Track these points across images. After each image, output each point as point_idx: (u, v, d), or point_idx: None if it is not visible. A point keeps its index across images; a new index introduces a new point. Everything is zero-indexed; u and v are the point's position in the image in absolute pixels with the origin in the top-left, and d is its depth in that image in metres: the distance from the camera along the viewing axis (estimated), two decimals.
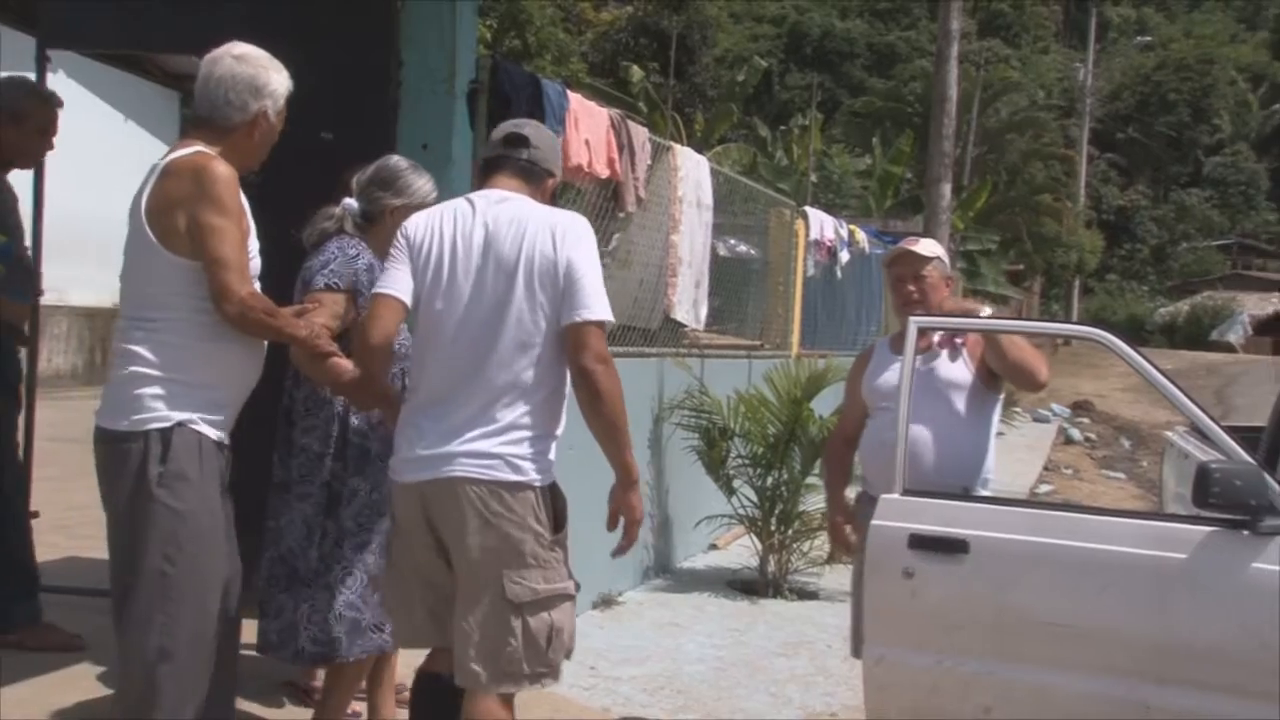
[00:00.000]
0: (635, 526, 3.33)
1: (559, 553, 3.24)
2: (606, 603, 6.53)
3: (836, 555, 5.06)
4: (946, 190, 16.19)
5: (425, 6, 5.24)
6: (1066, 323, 21.66)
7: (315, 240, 3.92)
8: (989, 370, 4.10)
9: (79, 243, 5.02)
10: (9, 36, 6.14)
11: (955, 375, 4.10)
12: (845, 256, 12.18)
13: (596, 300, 3.16)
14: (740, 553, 8.11)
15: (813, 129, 27.68)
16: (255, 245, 3.36)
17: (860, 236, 13.06)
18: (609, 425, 3.18)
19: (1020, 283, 35.86)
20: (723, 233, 9.86)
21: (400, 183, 3.90)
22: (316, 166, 4.25)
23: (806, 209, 11.38)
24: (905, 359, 3.80)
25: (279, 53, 3.48)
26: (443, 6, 5.24)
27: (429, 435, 3.18)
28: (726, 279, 9.67)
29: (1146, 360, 3.62)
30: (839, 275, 12.21)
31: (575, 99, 6.09)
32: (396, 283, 3.25)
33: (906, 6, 62.91)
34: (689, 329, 8.26)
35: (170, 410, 3.22)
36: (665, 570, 7.61)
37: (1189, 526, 3.47)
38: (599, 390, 3.13)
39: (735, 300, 10.17)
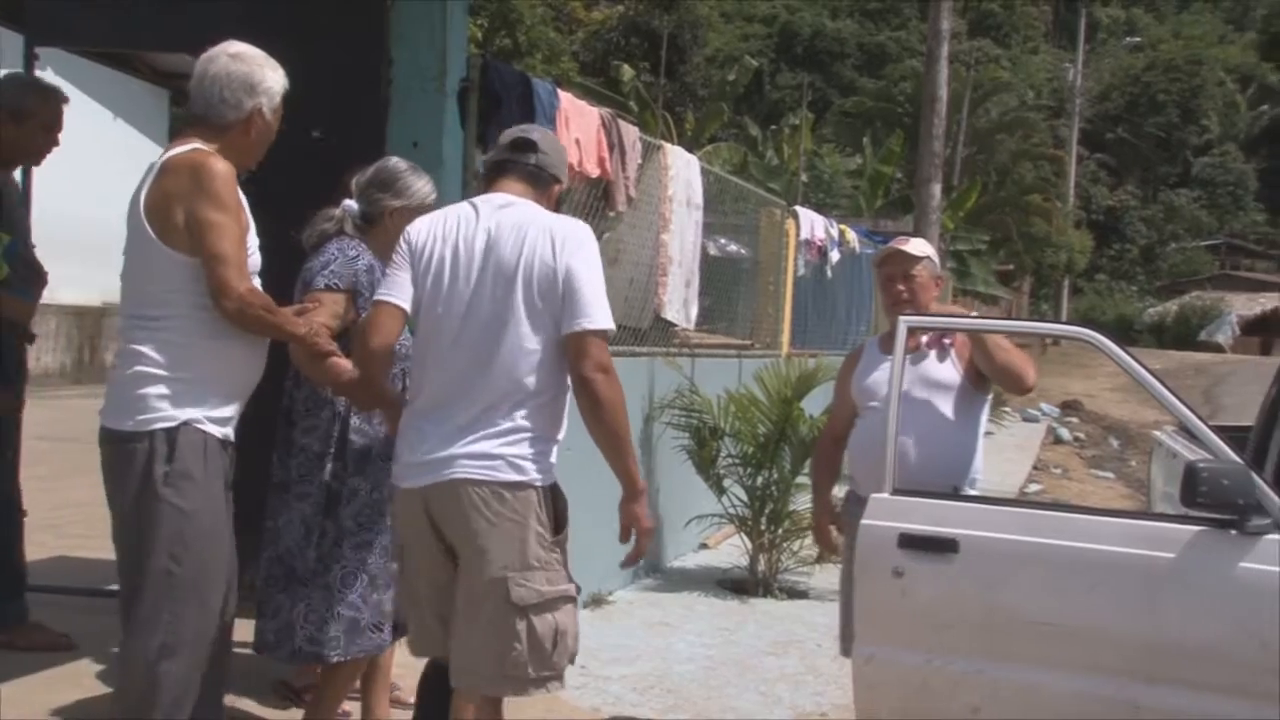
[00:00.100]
0: (645, 537, 3.30)
1: (559, 555, 3.22)
2: (597, 602, 6.54)
3: (826, 555, 5.06)
4: (936, 190, 16.20)
5: (416, 5, 5.24)
6: (1055, 323, 21.70)
7: (315, 241, 3.92)
8: (977, 371, 4.11)
9: (68, 241, 5.01)
10: None
11: (943, 376, 4.10)
12: (835, 256, 12.19)
13: (597, 309, 3.14)
14: (730, 552, 8.12)
15: (803, 128, 27.63)
16: (254, 242, 3.37)
17: (850, 236, 13.08)
18: (610, 434, 3.16)
19: (1010, 283, 35.92)
20: (713, 232, 9.87)
21: (400, 184, 3.90)
22: (306, 165, 4.25)
23: (797, 208, 11.40)
24: (895, 358, 3.81)
25: (269, 51, 3.48)
26: (433, 5, 5.24)
27: (430, 439, 3.17)
28: (717, 278, 9.68)
29: (1135, 360, 3.63)
30: (829, 275, 12.23)
31: (566, 98, 6.09)
32: (397, 289, 3.24)
33: (897, 6, 62.97)
34: (679, 328, 8.27)
35: (175, 410, 3.22)
36: (655, 570, 7.61)
37: (1177, 526, 3.48)
38: (599, 399, 3.12)
39: (725, 299, 10.18)
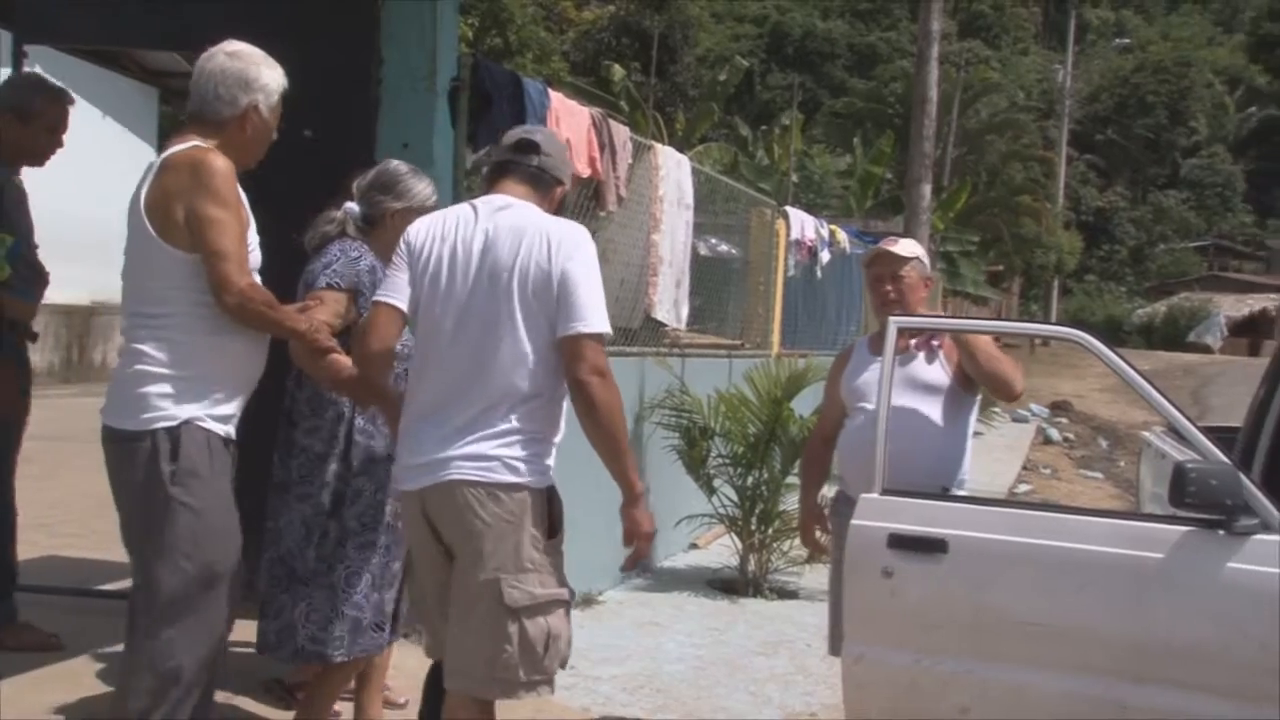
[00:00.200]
0: (643, 542, 3.29)
1: (554, 558, 3.22)
2: (587, 602, 6.53)
3: (815, 555, 5.06)
4: (926, 191, 16.24)
5: (406, 5, 5.23)
6: (1045, 323, 21.76)
7: (317, 243, 3.93)
8: (965, 373, 4.12)
9: (57, 240, 5.01)
10: None
11: (932, 377, 4.11)
12: (826, 256, 12.21)
13: (592, 312, 3.12)
14: (720, 552, 8.12)
15: (794, 129, 27.71)
16: (255, 238, 3.37)
17: (841, 236, 13.10)
18: (606, 438, 3.14)
19: (999, 283, 36.01)
20: (704, 232, 9.88)
21: (400, 186, 3.92)
22: (297, 164, 4.24)
23: (787, 209, 11.41)
24: (885, 359, 3.81)
25: (260, 50, 3.47)
26: (424, 5, 5.23)
27: (428, 442, 3.17)
28: (707, 278, 9.68)
29: (1124, 361, 3.64)
30: (819, 275, 12.24)
31: (556, 98, 6.09)
32: (395, 290, 3.25)
33: (887, 7, 63.13)
34: (670, 328, 8.27)
35: (177, 408, 3.23)
36: (645, 569, 7.61)
37: (1165, 526, 3.49)
38: (595, 402, 3.10)
39: (716, 300, 10.19)
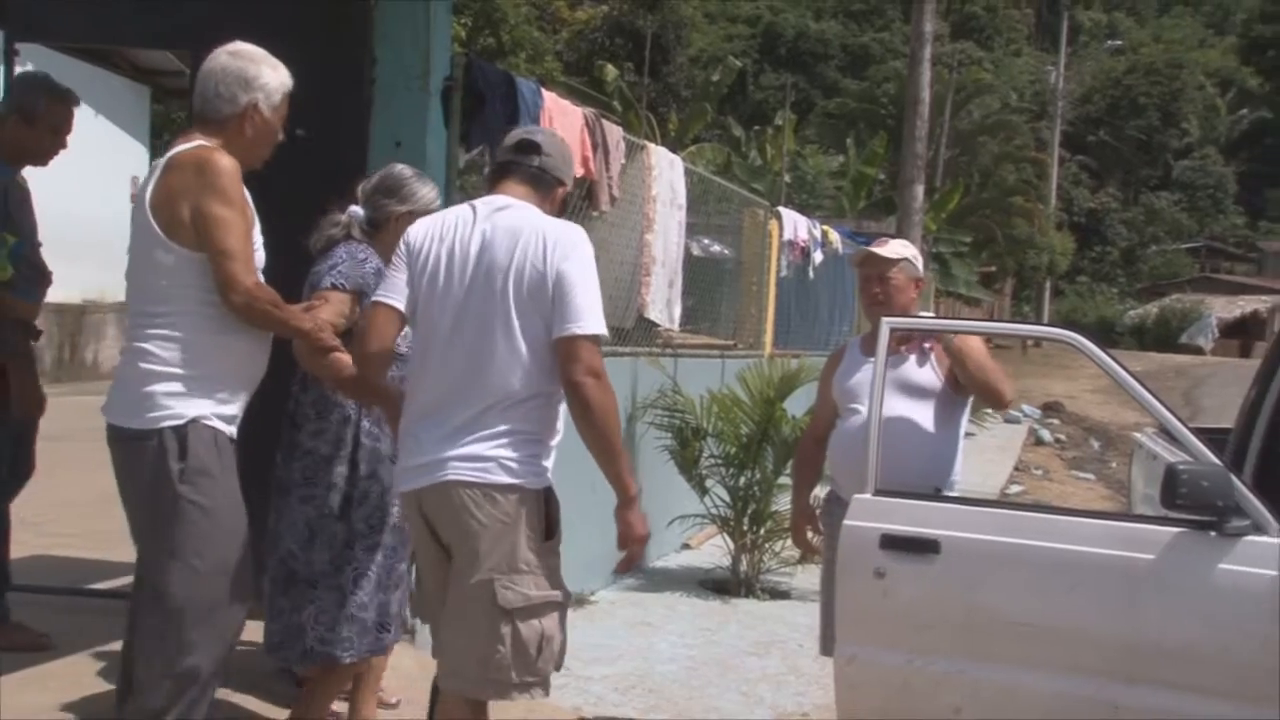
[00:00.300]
0: (637, 545, 3.31)
1: (550, 560, 3.21)
2: (579, 602, 6.53)
3: (807, 555, 5.07)
4: (919, 192, 16.27)
5: (400, 4, 5.22)
6: (1037, 324, 21.81)
7: (322, 246, 3.94)
8: (956, 376, 4.12)
9: (50, 238, 5.02)
10: None
11: (923, 379, 4.11)
12: (818, 257, 12.22)
13: (588, 314, 3.12)
14: (713, 552, 8.12)
15: (786, 129, 27.68)
16: (259, 237, 3.38)
17: (833, 237, 13.11)
18: (600, 439, 3.14)
19: (991, 284, 36.07)
20: (696, 232, 9.88)
21: (405, 190, 3.94)
22: (290, 163, 4.23)
23: (780, 209, 11.42)
24: (877, 360, 3.82)
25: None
26: (417, 4, 5.22)
27: (427, 442, 3.17)
28: (700, 279, 9.69)
29: (1116, 362, 3.65)
30: (812, 275, 12.25)
31: (550, 97, 6.09)
32: (394, 290, 3.25)
33: (880, 8, 63.19)
34: (662, 328, 8.27)
35: (184, 406, 3.24)
36: (638, 569, 7.60)
37: (1157, 527, 3.50)
38: (590, 404, 3.09)
39: (709, 300, 10.19)
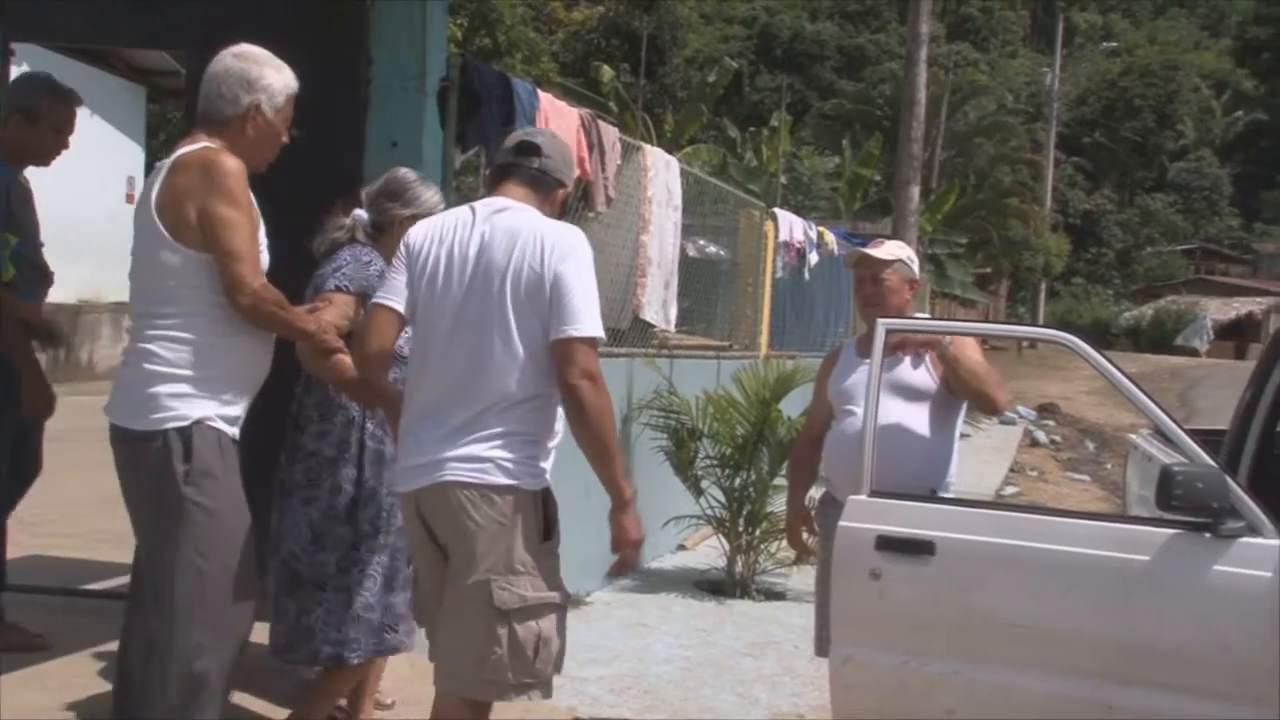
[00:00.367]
0: (630, 549, 3.29)
1: (548, 561, 3.21)
2: (574, 603, 6.52)
3: (803, 556, 5.07)
4: (915, 193, 16.29)
5: (395, 4, 5.22)
6: (1032, 326, 21.81)
7: (326, 249, 3.95)
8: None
9: (44, 238, 5.03)
10: None
11: (918, 381, 4.10)
12: (814, 258, 12.22)
13: (584, 316, 3.12)
14: (708, 553, 8.12)
15: (782, 130, 27.73)
16: (264, 239, 3.38)
17: (829, 238, 13.11)
18: (595, 442, 3.13)
19: (987, 285, 36.11)
20: (692, 233, 9.88)
21: (409, 194, 3.96)
22: (286, 163, 4.23)
23: (776, 210, 11.41)
24: (873, 360, 3.82)
25: None
26: (413, 5, 5.22)
27: (425, 443, 3.17)
28: (696, 280, 9.69)
29: (1111, 363, 3.65)
30: (807, 277, 12.25)
31: (545, 98, 6.09)
32: (393, 292, 3.26)
33: (876, 9, 63.28)
34: (658, 329, 8.27)
35: (189, 408, 3.24)
36: (633, 570, 7.60)
37: (1152, 529, 3.50)
38: (585, 406, 3.09)
39: (704, 301, 10.19)
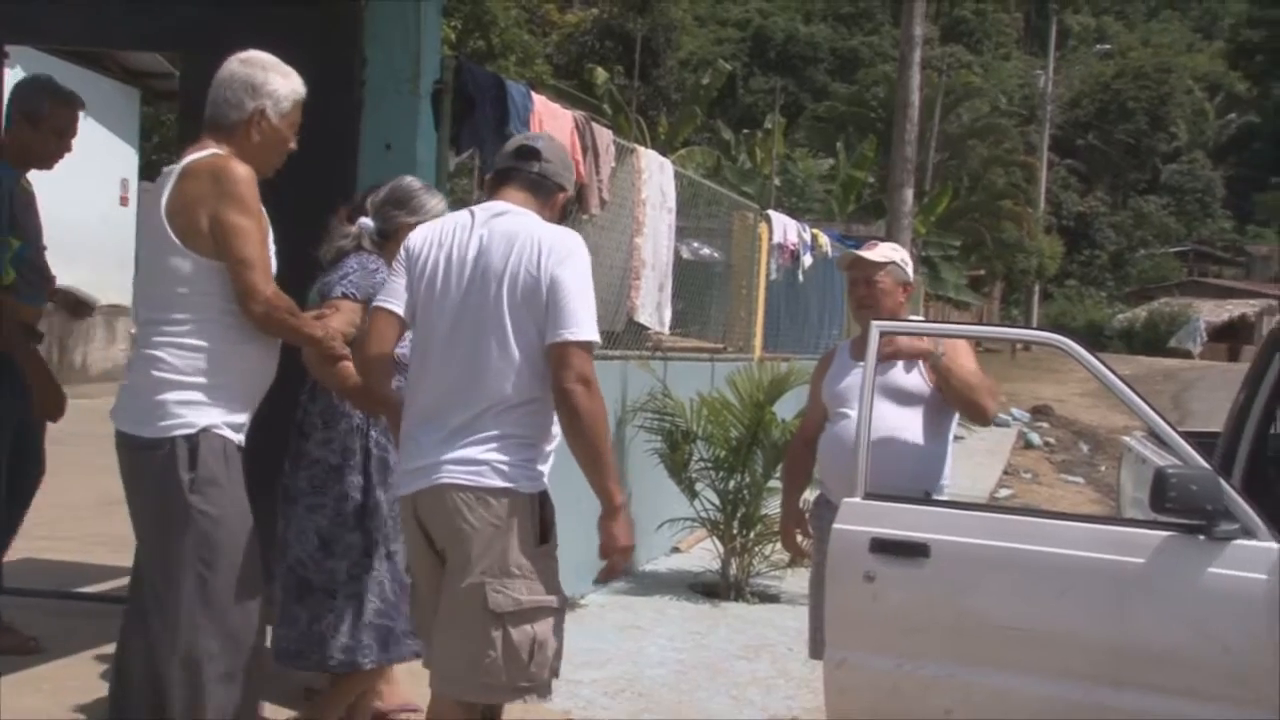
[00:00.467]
0: (618, 557, 3.29)
1: (545, 564, 3.21)
2: (568, 605, 6.52)
3: (797, 559, 5.07)
4: (908, 195, 16.31)
5: (389, 6, 5.22)
6: (1026, 328, 21.85)
7: (332, 257, 3.97)
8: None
9: None
10: None
11: (912, 384, 4.11)
12: (808, 260, 12.22)
13: (580, 320, 3.11)
14: (702, 556, 8.12)
15: (776, 133, 27.77)
16: (272, 245, 3.38)
17: (823, 240, 13.11)
18: (588, 447, 3.13)
19: (980, 288, 36.16)
20: (686, 236, 9.88)
21: (414, 202, 3.97)
22: (281, 166, 4.23)
23: (770, 212, 11.42)
24: (867, 363, 3.82)
25: (240, 51, 3.46)
26: (407, 6, 5.22)
27: (425, 446, 3.17)
28: (690, 282, 9.69)
29: (1105, 365, 3.66)
30: (801, 279, 12.25)
31: (539, 100, 6.09)
32: (393, 295, 3.26)
33: (870, 12, 63.32)
34: (652, 331, 8.27)
35: (196, 415, 3.24)
36: (627, 573, 7.60)
37: (1146, 531, 3.51)
38: (578, 411, 3.09)
39: (698, 303, 10.19)
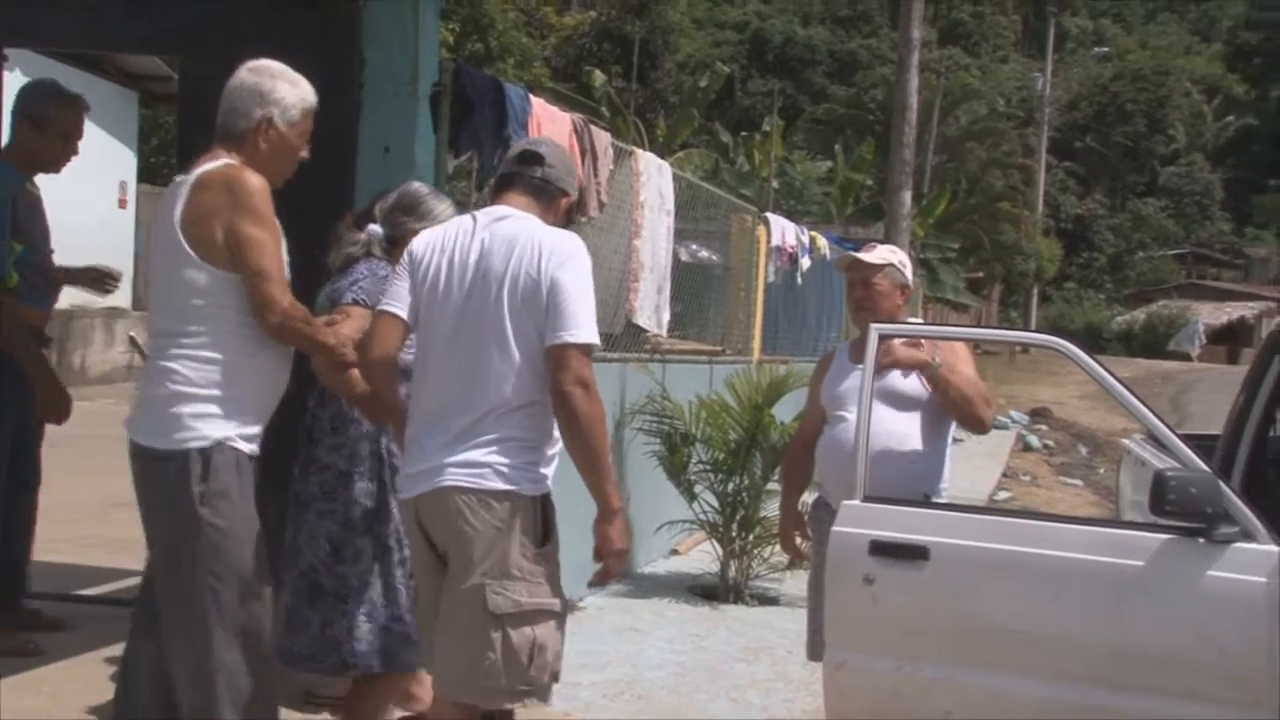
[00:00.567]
0: (614, 560, 3.28)
1: (546, 568, 3.21)
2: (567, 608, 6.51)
3: (796, 561, 5.07)
4: (907, 198, 16.33)
5: (387, 9, 5.22)
6: (1025, 330, 21.83)
7: (341, 264, 3.98)
8: None
9: None
10: None
11: (909, 388, 4.10)
12: (806, 263, 12.22)
13: (579, 323, 3.12)
14: (701, 558, 8.11)
15: (774, 135, 27.75)
16: (285, 254, 3.39)
17: (821, 243, 13.12)
18: (586, 450, 3.13)
19: (979, 290, 36.17)
20: (685, 238, 9.88)
21: (423, 208, 3.99)
22: None
23: (768, 215, 11.43)
24: (866, 365, 3.82)
25: (239, 53, 3.47)
26: (405, 9, 5.22)
27: (428, 449, 3.18)
28: (688, 284, 9.69)
29: (1103, 368, 3.66)
30: (800, 281, 12.25)
31: (538, 103, 6.09)
32: (396, 299, 3.27)
33: (868, 14, 63.37)
34: (651, 334, 8.27)
35: (210, 428, 3.26)
36: (626, 575, 7.59)
37: (1145, 534, 3.51)
38: (576, 413, 3.09)
39: (697, 305, 10.19)
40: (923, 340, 4.15)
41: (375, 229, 3.98)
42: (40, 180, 4.98)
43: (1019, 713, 3.51)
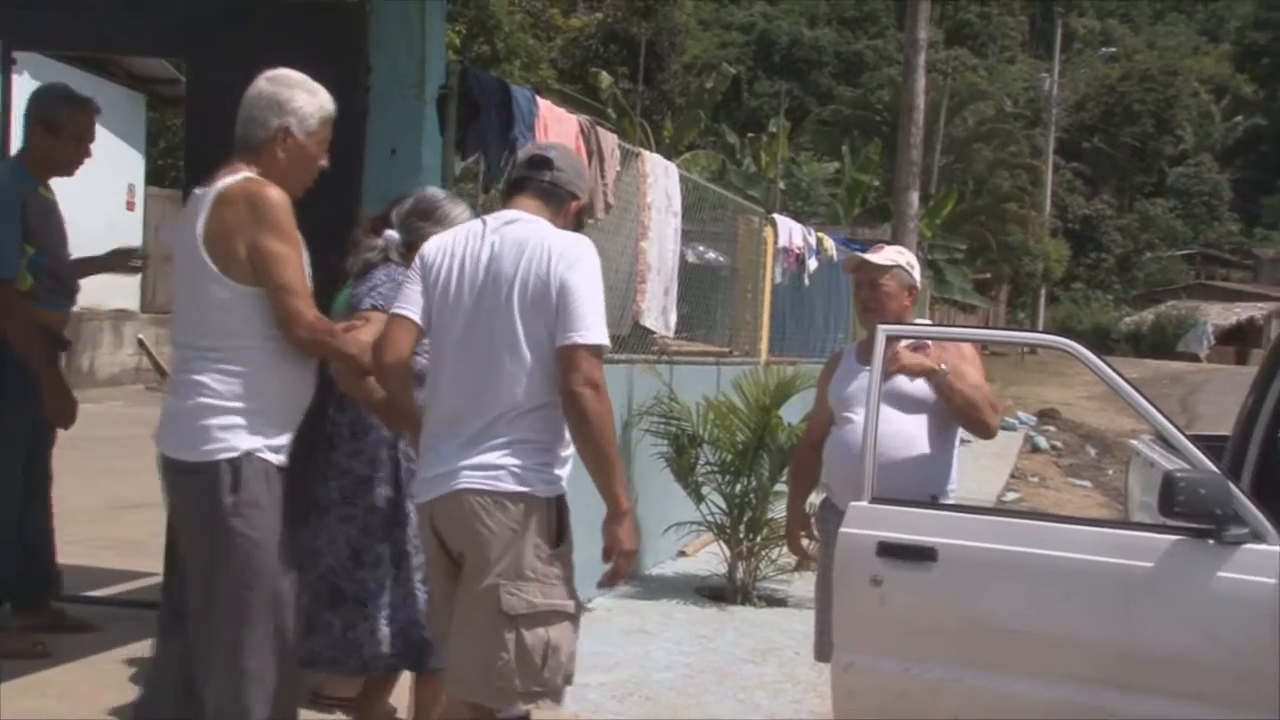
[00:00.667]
0: (625, 560, 3.28)
1: (561, 570, 3.21)
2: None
3: (804, 562, 5.07)
4: (914, 198, 16.30)
5: (394, 11, 5.22)
6: (1033, 331, 21.79)
7: (360, 270, 3.99)
8: None
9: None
10: None
11: (917, 389, 4.10)
12: (813, 264, 12.20)
13: (589, 324, 3.13)
14: (709, 560, 8.12)
15: (781, 136, 27.76)
16: (308, 267, 3.40)
17: (828, 244, 13.10)
18: (596, 451, 3.15)
19: (987, 291, 36.10)
20: (691, 239, 9.88)
21: (439, 212, 4.00)
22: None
23: (775, 216, 11.41)
24: (874, 366, 3.82)
25: (246, 56, 3.47)
26: (412, 12, 5.22)
27: (443, 453, 3.19)
28: (695, 286, 9.69)
29: (1112, 369, 3.65)
30: (807, 282, 12.24)
31: (544, 105, 6.09)
32: (408, 302, 3.28)
33: (874, 15, 63.38)
34: (658, 335, 8.26)
35: (239, 440, 3.28)
36: (634, 577, 7.59)
37: (1154, 535, 3.50)
38: (586, 414, 3.10)
39: (704, 307, 10.19)
40: (930, 345, 4.16)
41: (392, 234, 3.99)
42: (51, 182, 4.99)
43: (1027, 714, 3.51)
